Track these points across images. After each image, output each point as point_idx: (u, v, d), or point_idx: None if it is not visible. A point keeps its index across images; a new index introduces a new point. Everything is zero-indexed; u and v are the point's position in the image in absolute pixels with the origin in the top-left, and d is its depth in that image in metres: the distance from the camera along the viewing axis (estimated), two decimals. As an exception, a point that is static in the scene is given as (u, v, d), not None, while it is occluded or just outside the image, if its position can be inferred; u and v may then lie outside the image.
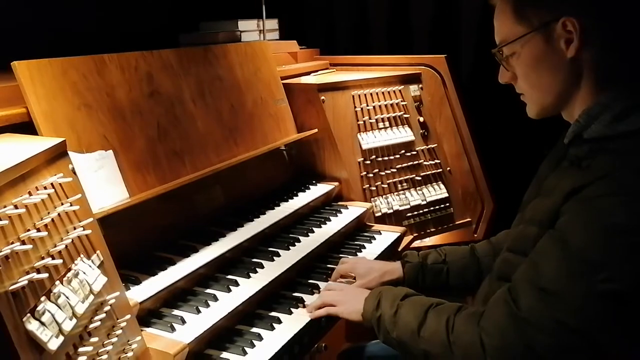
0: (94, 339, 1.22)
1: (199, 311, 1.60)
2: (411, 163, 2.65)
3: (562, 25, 1.30)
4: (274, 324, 1.65)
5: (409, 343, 1.43)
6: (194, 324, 1.55)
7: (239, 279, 1.77)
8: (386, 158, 2.58)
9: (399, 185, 2.61)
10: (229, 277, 1.80)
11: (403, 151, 2.63)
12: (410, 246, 2.51)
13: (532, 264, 1.27)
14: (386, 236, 2.31)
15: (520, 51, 1.37)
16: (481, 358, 1.29)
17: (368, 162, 2.54)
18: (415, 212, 2.62)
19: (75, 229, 1.28)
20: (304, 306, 1.74)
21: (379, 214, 2.51)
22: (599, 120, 1.29)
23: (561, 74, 1.34)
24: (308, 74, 2.88)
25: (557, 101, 1.38)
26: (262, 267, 1.86)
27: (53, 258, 1.18)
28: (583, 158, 1.28)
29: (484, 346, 1.28)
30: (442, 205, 2.70)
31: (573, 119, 1.36)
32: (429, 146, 2.72)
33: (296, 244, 2.04)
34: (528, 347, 1.22)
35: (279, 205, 2.24)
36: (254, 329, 1.64)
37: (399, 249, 2.33)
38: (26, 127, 1.56)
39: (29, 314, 1.07)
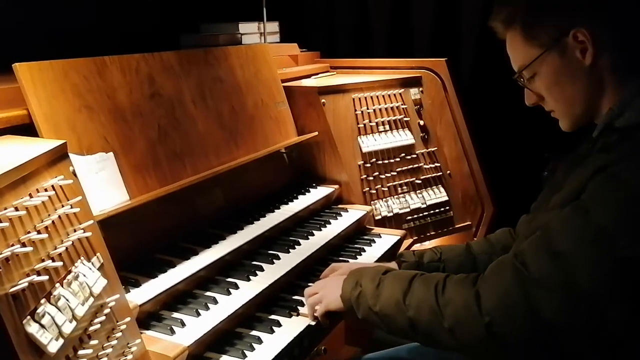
0: (93, 342, 1.22)
1: (198, 314, 1.60)
2: (411, 166, 2.65)
3: (573, 37, 1.34)
4: (273, 327, 1.65)
5: (393, 314, 1.41)
6: (194, 326, 1.55)
7: (239, 282, 1.77)
8: (386, 161, 2.58)
9: (399, 189, 2.61)
10: (229, 279, 1.79)
11: (403, 154, 2.63)
12: (410, 249, 2.50)
13: (547, 231, 1.27)
14: (386, 239, 2.31)
15: (540, 70, 1.41)
16: (476, 318, 1.27)
17: (368, 165, 2.54)
18: (415, 216, 2.61)
19: (75, 231, 1.27)
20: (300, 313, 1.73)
21: (379, 217, 2.51)
22: (631, 108, 1.31)
23: (583, 82, 1.37)
24: (309, 76, 2.88)
25: (586, 109, 1.41)
26: (262, 270, 1.86)
27: (53, 260, 1.17)
28: (612, 145, 1.30)
29: (480, 306, 1.27)
30: (442, 209, 2.69)
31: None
32: (429, 149, 2.72)
33: (296, 246, 2.04)
34: (532, 309, 1.22)
35: (279, 208, 2.24)
36: (254, 332, 1.64)
37: (399, 253, 2.33)
38: (27, 129, 1.56)
39: (28, 317, 1.07)
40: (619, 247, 1.17)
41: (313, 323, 1.66)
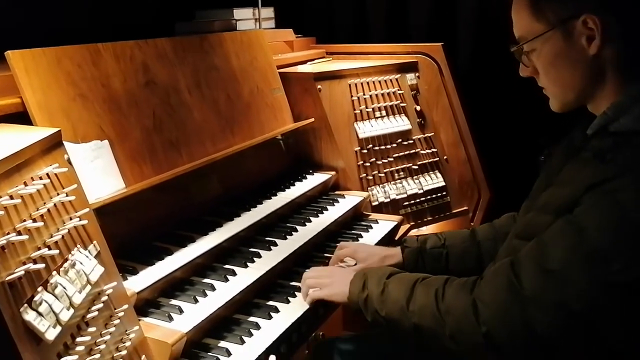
0: (91, 329, 1.22)
1: (196, 301, 1.60)
2: (408, 152, 2.64)
3: (582, 22, 1.29)
4: (271, 313, 1.66)
5: (398, 319, 1.43)
6: (192, 313, 1.55)
7: (237, 269, 1.78)
8: (383, 147, 2.58)
9: (396, 174, 2.61)
10: (227, 266, 1.80)
11: (400, 140, 2.63)
12: (408, 235, 2.51)
13: (541, 245, 1.26)
14: (383, 225, 2.31)
15: (540, 48, 1.36)
16: (474, 327, 1.29)
17: (365, 151, 2.54)
18: (412, 201, 2.62)
19: (71, 219, 1.27)
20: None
21: (376, 203, 2.51)
22: (628, 114, 1.27)
23: (583, 71, 1.33)
24: (304, 62, 2.87)
25: (580, 96, 1.38)
26: (259, 256, 1.86)
27: (49, 248, 1.17)
28: (607, 151, 1.26)
29: (477, 315, 1.29)
30: (439, 194, 2.70)
31: (599, 111, 1.34)
32: (426, 135, 2.71)
33: (293, 233, 2.04)
34: (527, 324, 1.23)
35: (276, 195, 2.24)
36: (252, 318, 1.64)
37: (396, 238, 2.34)
38: (21, 117, 1.55)
39: (26, 305, 1.07)
40: (612, 271, 1.15)
41: (308, 307, 1.67)
